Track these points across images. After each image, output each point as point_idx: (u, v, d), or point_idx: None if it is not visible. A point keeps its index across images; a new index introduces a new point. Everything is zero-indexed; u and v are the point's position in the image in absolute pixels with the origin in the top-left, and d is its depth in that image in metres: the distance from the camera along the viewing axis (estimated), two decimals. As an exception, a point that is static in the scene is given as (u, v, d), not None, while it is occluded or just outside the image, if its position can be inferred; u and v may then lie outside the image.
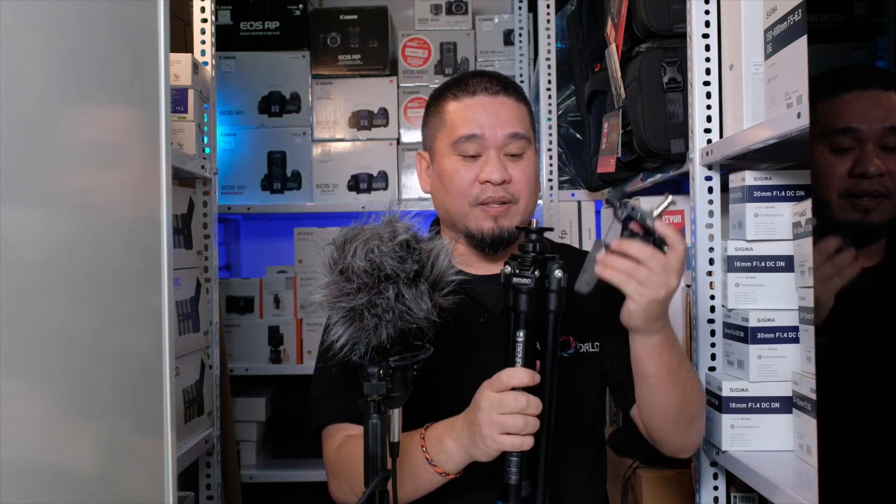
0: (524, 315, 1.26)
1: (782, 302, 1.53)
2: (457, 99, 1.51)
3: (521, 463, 1.25)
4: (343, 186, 3.13)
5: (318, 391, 1.50)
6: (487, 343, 1.46)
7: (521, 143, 1.48)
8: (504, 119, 1.48)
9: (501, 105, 1.49)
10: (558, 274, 1.27)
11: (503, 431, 1.24)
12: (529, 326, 1.26)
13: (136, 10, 1.13)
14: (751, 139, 1.45)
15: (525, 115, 1.52)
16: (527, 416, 1.24)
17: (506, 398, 1.24)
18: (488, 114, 1.48)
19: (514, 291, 1.26)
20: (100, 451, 1.00)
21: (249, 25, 3.16)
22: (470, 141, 1.47)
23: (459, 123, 1.48)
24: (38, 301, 0.86)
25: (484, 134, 1.47)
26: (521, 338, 1.26)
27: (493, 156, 1.47)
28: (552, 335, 1.29)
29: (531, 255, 1.27)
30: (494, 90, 1.50)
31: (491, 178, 1.45)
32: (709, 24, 1.70)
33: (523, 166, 1.49)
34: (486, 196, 1.46)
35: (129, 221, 1.10)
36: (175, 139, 2.16)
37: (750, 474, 1.46)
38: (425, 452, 1.32)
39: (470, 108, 1.49)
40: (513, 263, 1.28)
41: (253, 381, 3.07)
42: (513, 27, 3.27)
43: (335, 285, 1.15)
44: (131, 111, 1.13)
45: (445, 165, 1.49)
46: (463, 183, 1.47)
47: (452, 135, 1.48)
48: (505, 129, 1.47)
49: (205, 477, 2.35)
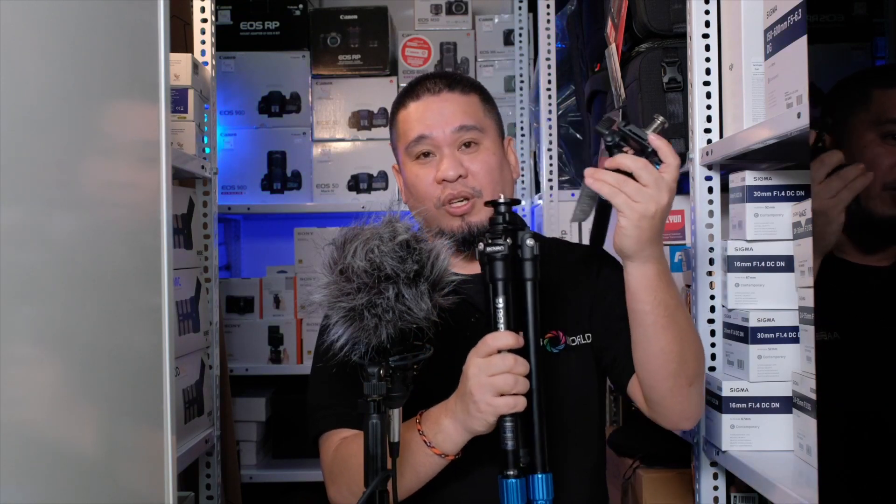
0: (501, 281, 1.28)
1: (782, 302, 1.53)
2: (405, 107, 1.53)
3: (515, 428, 1.26)
4: (343, 186, 3.13)
5: (315, 398, 1.50)
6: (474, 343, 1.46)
7: (473, 134, 1.49)
8: (448, 115, 1.49)
9: (445, 102, 1.51)
10: (530, 242, 1.30)
11: (496, 393, 1.25)
12: (507, 293, 1.28)
13: (136, 10, 1.13)
14: (751, 139, 1.45)
15: (475, 106, 1.53)
16: (516, 374, 1.25)
17: (493, 360, 1.26)
18: (433, 112, 1.50)
19: (488, 260, 1.29)
20: (100, 451, 1.00)
21: (249, 25, 3.16)
22: (419, 143, 1.49)
23: (409, 129, 1.51)
24: (38, 301, 0.86)
25: (432, 133, 1.48)
26: (501, 304, 1.28)
27: (446, 153, 1.48)
28: (532, 302, 1.31)
29: (501, 225, 1.30)
30: (437, 89, 1.52)
31: (446, 176, 1.47)
32: (709, 24, 1.70)
33: (481, 158, 1.49)
34: (446, 195, 1.47)
35: (129, 221, 1.10)
36: (175, 139, 2.16)
37: (750, 474, 1.46)
38: (422, 436, 1.32)
39: (416, 111, 1.51)
40: (484, 238, 1.30)
41: (253, 381, 3.07)
42: (513, 27, 3.27)
43: (335, 285, 1.15)
44: (131, 111, 1.13)
45: (407, 173, 1.52)
46: (424, 186, 1.49)
47: (406, 141, 1.51)
48: (450, 125, 1.49)
49: (205, 477, 2.35)
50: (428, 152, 1.49)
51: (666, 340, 1.33)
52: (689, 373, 1.37)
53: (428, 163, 1.49)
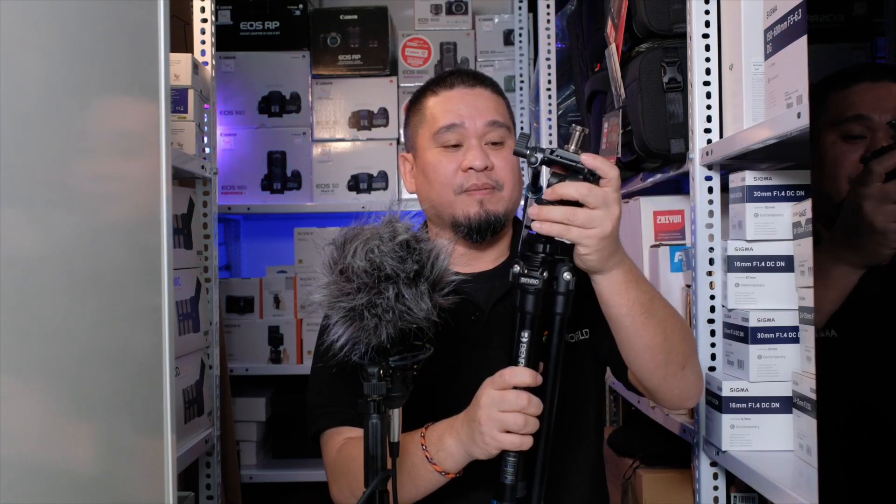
0: (530, 316, 1.25)
1: (782, 302, 1.53)
2: (435, 94, 1.54)
3: (518, 463, 1.25)
4: (343, 186, 3.13)
5: (316, 397, 1.50)
6: (479, 341, 1.46)
7: (502, 132, 1.51)
8: (482, 108, 1.50)
9: (479, 95, 1.52)
10: (567, 276, 1.25)
11: (503, 429, 1.23)
12: (534, 327, 1.25)
13: (136, 10, 1.13)
14: (751, 139, 1.45)
15: (503, 106, 1.55)
16: (527, 415, 1.23)
17: (507, 395, 1.24)
18: (466, 104, 1.51)
19: (521, 291, 1.25)
20: (100, 451, 1.00)
21: (249, 25, 3.16)
22: (450, 131, 1.49)
23: (439, 115, 1.51)
24: (38, 301, 0.86)
25: (464, 123, 1.49)
26: (526, 338, 1.25)
27: (474, 143, 1.49)
28: (557, 337, 1.27)
29: (541, 255, 1.25)
30: (471, 83, 1.53)
31: (474, 165, 1.47)
32: (709, 24, 1.70)
33: (504, 154, 1.50)
34: (470, 183, 1.48)
35: (129, 221, 1.10)
36: (175, 139, 2.16)
37: (750, 474, 1.46)
38: (425, 451, 1.32)
39: (449, 100, 1.52)
40: (522, 263, 1.26)
41: (253, 381, 3.07)
42: (513, 27, 3.27)
43: (335, 285, 1.15)
44: (131, 111, 1.13)
45: (428, 158, 1.52)
46: (446, 172, 1.49)
47: (433, 127, 1.51)
48: (484, 118, 1.49)
49: (205, 477, 2.35)
50: (456, 143, 1.50)
51: (649, 336, 1.32)
52: (679, 358, 1.36)
53: (453, 152, 1.50)
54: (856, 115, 1.26)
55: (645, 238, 2.08)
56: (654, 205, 2.05)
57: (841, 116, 1.26)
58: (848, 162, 1.25)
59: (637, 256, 2.12)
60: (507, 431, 1.24)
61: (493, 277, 1.51)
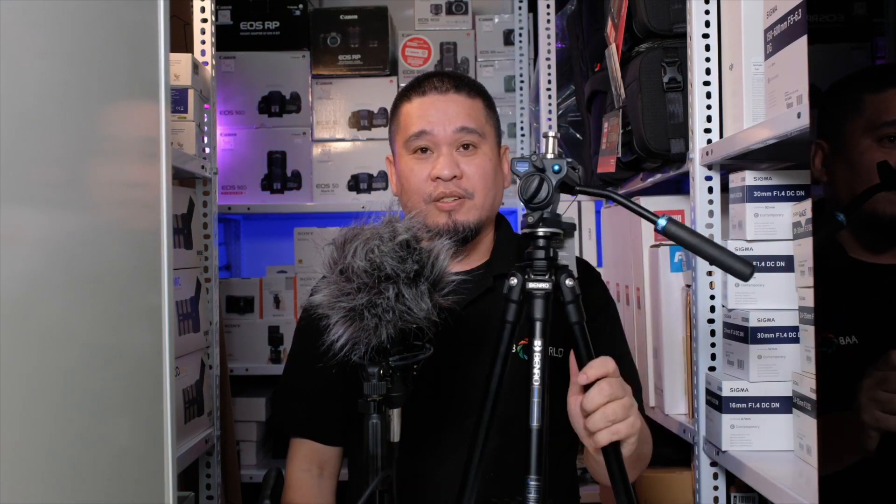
0: (540, 322, 1.19)
1: (782, 302, 1.53)
2: (409, 100, 1.55)
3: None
4: (343, 186, 3.13)
5: (291, 385, 1.59)
6: (448, 344, 1.45)
7: (473, 137, 1.51)
8: (452, 115, 1.51)
9: (451, 102, 1.52)
10: (570, 283, 1.21)
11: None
12: (546, 335, 1.19)
13: (136, 10, 1.13)
14: (751, 139, 1.45)
15: (479, 110, 1.54)
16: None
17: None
18: (437, 110, 1.51)
19: (526, 297, 1.20)
20: (99, 451, 1.00)
21: (249, 25, 3.16)
22: (420, 138, 1.51)
23: (411, 122, 1.52)
24: (38, 301, 0.86)
25: (433, 130, 1.50)
26: (539, 347, 1.17)
27: (444, 151, 1.50)
28: (584, 346, 1.22)
29: (544, 261, 1.20)
30: (444, 88, 1.53)
31: (441, 174, 1.48)
32: (709, 24, 1.70)
33: (477, 161, 1.51)
34: (438, 192, 1.49)
35: (129, 221, 1.10)
36: (175, 139, 2.16)
37: (750, 474, 1.46)
38: None
39: (420, 106, 1.53)
40: (519, 274, 1.21)
41: (253, 381, 3.06)
42: (513, 27, 3.27)
43: (335, 285, 1.15)
44: (131, 111, 1.13)
45: (402, 165, 1.54)
46: (417, 180, 1.50)
47: (405, 134, 1.53)
48: (453, 124, 1.50)
49: (205, 477, 2.35)
50: (426, 148, 1.50)
51: (632, 474, 1.30)
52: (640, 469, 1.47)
53: (424, 159, 1.51)
54: (894, 121, 1.24)
55: (645, 238, 2.08)
56: (654, 205, 2.05)
57: (879, 121, 1.24)
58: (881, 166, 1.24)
59: (637, 257, 2.12)
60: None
61: (467, 281, 1.50)
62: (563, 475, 1.56)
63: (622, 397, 1.21)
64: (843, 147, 1.26)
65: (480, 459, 1.19)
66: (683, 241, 1.22)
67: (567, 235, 1.23)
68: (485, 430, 1.19)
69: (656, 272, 1.99)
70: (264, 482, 1.24)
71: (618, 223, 2.37)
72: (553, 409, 1.48)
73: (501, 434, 1.24)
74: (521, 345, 1.46)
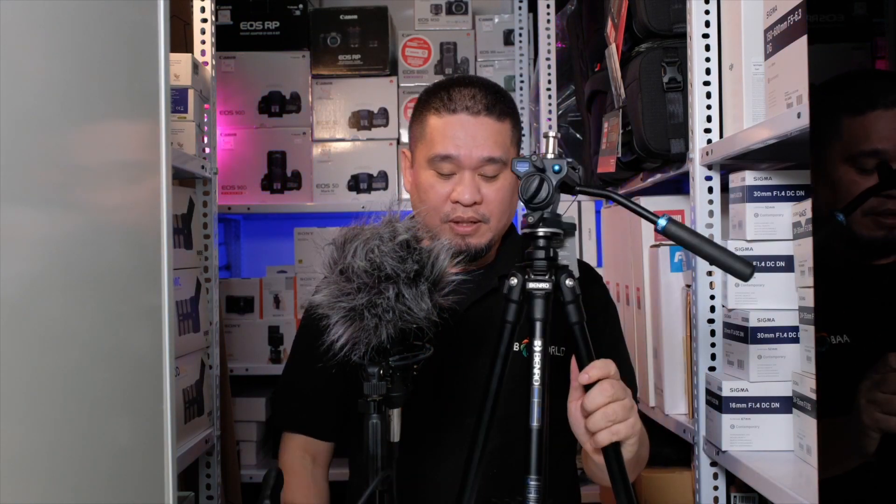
0: (540, 322, 1.19)
1: (782, 302, 1.53)
2: (438, 114, 1.51)
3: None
4: (343, 186, 3.13)
5: (291, 383, 1.60)
6: (449, 344, 1.46)
7: (496, 167, 1.49)
8: (481, 141, 1.48)
9: (481, 126, 1.48)
10: (570, 283, 1.21)
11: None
12: (546, 335, 1.19)
13: (136, 10, 1.13)
14: (751, 139, 1.45)
15: (506, 134, 1.51)
16: None
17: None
18: (466, 133, 1.48)
19: (526, 298, 1.20)
20: (99, 450, 1.00)
21: (249, 25, 3.16)
22: (445, 161, 1.48)
23: (437, 141, 1.49)
24: (38, 301, 0.86)
25: (459, 154, 1.48)
26: (539, 347, 1.18)
27: (466, 176, 1.48)
28: (585, 347, 1.22)
29: (544, 261, 1.21)
30: (476, 109, 1.49)
31: (462, 199, 1.47)
32: (709, 24, 1.70)
33: (497, 187, 1.49)
34: (455, 215, 1.48)
35: (129, 221, 1.10)
36: (175, 139, 2.16)
37: (750, 474, 1.46)
38: None
39: (449, 125, 1.49)
40: (519, 274, 1.21)
41: (253, 381, 3.06)
42: (513, 27, 3.27)
43: (335, 285, 1.15)
44: (131, 111, 1.13)
45: (422, 178, 1.52)
46: (436, 199, 1.49)
47: (430, 150, 1.50)
48: (481, 152, 1.48)
49: (205, 477, 2.35)
50: (451, 172, 1.49)
51: (629, 476, 1.29)
52: (638, 471, 1.45)
53: (446, 179, 1.49)
54: (872, 151, 1.24)
55: (645, 238, 2.08)
56: (654, 205, 2.05)
57: (857, 150, 1.24)
58: (859, 191, 1.24)
59: (637, 257, 2.12)
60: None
61: (469, 281, 1.50)
62: (563, 475, 1.57)
63: (623, 398, 1.21)
64: (824, 167, 1.26)
65: (480, 459, 1.19)
66: (683, 241, 1.22)
67: (567, 235, 1.23)
68: (485, 429, 1.19)
69: (656, 272, 1.99)
70: (264, 482, 1.23)
71: (618, 223, 2.37)
72: (553, 408, 1.49)
73: (502, 433, 1.24)
74: (524, 343, 1.46)
